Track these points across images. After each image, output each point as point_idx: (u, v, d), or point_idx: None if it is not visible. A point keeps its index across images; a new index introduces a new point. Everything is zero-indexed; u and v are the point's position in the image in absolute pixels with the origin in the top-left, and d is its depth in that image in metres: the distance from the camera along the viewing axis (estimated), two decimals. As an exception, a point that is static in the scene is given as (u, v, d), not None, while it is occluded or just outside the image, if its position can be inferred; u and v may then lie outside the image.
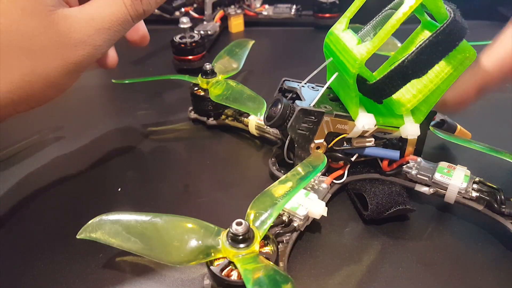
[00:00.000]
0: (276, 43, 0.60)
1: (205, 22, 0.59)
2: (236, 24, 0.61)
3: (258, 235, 0.22)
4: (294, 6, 0.63)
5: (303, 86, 0.31)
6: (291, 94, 0.31)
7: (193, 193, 0.32)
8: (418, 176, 0.29)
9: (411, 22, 0.28)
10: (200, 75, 0.38)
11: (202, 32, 0.53)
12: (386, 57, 0.32)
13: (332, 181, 0.30)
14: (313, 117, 0.28)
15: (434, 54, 0.25)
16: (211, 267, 0.22)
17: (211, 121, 0.39)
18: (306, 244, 0.27)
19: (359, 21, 0.30)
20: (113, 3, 0.25)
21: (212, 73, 0.38)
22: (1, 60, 0.22)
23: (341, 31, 0.28)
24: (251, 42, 0.48)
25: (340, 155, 0.30)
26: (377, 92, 0.27)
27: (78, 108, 0.45)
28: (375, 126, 0.28)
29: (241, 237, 0.22)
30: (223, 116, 0.39)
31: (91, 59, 0.25)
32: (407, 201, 0.28)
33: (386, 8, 0.29)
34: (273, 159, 0.33)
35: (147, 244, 0.23)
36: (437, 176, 0.28)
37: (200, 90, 0.39)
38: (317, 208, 0.26)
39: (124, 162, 0.36)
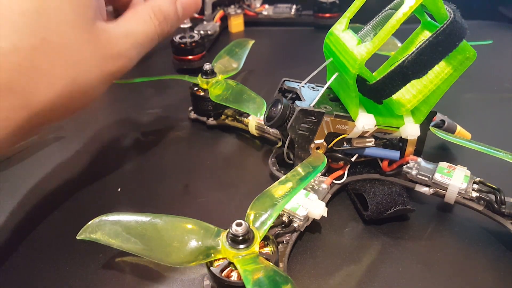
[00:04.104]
0: (276, 43, 0.60)
1: (205, 22, 0.59)
2: (236, 24, 0.61)
3: (258, 235, 0.22)
4: (294, 6, 0.63)
5: (303, 86, 0.31)
6: (291, 94, 0.31)
7: (193, 193, 0.32)
8: (418, 176, 0.29)
9: (411, 22, 0.28)
10: (200, 75, 0.38)
11: (202, 32, 0.53)
12: (386, 57, 0.32)
13: (332, 182, 0.30)
14: (313, 118, 0.28)
15: (434, 55, 0.25)
16: (211, 268, 0.22)
17: (211, 121, 0.39)
18: (306, 244, 0.27)
19: (359, 21, 0.30)
20: (145, 23, 0.29)
21: (212, 73, 0.38)
22: (47, 72, 0.23)
23: (341, 31, 0.28)
24: (251, 42, 0.48)
25: (340, 155, 0.30)
26: (377, 93, 0.27)
27: (78, 108, 0.45)
28: (375, 126, 0.28)
29: (241, 237, 0.22)
30: (223, 116, 0.39)
31: (125, 70, 0.28)
32: (407, 201, 0.28)
33: (386, 8, 0.29)
34: (273, 159, 0.33)
35: (147, 245, 0.23)
36: (437, 177, 0.28)
37: (200, 90, 0.39)
38: (317, 209, 0.26)
39: (124, 162, 0.36)
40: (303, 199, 0.27)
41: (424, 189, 0.29)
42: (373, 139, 0.30)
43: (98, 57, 0.25)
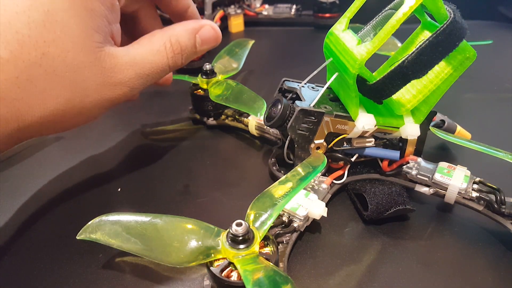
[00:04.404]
0: (276, 43, 0.60)
1: (205, 22, 0.59)
2: (236, 24, 0.61)
3: (258, 235, 0.22)
4: (294, 6, 0.63)
5: (303, 86, 0.31)
6: (291, 94, 0.31)
7: (193, 193, 0.32)
8: (418, 176, 0.29)
9: (411, 22, 0.28)
10: (200, 75, 0.38)
11: (202, 32, 0.53)
12: (386, 57, 0.32)
13: (332, 182, 0.30)
14: (313, 118, 0.28)
15: (434, 55, 0.25)
16: (211, 268, 0.22)
17: (211, 121, 0.39)
18: (306, 244, 0.27)
19: (359, 21, 0.30)
20: (157, 53, 0.27)
21: (212, 73, 0.38)
22: (42, 88, 0.22)
23: (341, 31, 0.28)
24: (251, 42, 0.48)
25: (340, 155, 0.30)
26: (377, 93, 0.27)
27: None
28: (375, 126, 0.28)
29: (241, 237, 0.22)
30: (223, 116, 0.39)
31: (124, 98, 0.27)
32: (407, 201, 0.28)
33: (386, 8, 0.29)
34: (273, 159, 0.33)
35: (147, 245, 0.23)
36: (437, 177, 0.28)
37: (200, 90, 0.39)
38: (317, 209, 0.26)
39: (124, 162, 0.36)
40: (303, 199, 0.27)
41: (424, 189, 0.29)
42: (373, 139, 0.30)
43: (98, 82, 0.24)
